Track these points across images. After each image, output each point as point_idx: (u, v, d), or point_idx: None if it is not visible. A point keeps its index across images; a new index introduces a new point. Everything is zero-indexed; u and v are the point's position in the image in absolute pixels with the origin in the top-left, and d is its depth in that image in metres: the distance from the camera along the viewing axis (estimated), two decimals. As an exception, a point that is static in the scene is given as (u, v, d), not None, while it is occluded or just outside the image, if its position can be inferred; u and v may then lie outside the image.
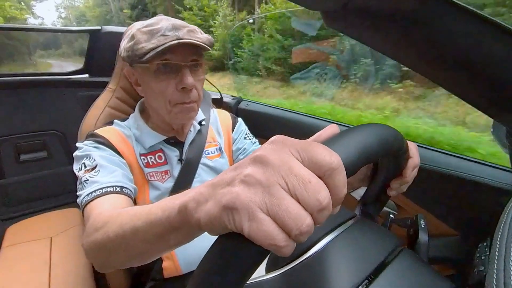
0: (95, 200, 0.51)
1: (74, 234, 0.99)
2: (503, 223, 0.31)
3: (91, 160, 0.57)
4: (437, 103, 3.01)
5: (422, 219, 0.45)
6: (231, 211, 0.19)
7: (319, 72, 4.17)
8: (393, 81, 3.57)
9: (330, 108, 3.44)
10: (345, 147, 0.25)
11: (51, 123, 1.41)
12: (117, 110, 0.85)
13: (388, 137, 0.31)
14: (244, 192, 0.19)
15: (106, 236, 0.39)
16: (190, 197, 0.25)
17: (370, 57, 3.69)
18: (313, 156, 0.20)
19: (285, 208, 0.18)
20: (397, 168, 0.40)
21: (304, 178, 0.19)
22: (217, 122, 0.83)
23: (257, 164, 0.20)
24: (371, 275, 0.32)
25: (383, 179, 0.43)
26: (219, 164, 0.75)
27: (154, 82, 0.61)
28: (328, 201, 0.19)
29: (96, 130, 0.66)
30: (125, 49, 0.61)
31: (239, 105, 1.36)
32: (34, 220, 1.10)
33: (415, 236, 0.43)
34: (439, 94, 2.97)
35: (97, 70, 1.39)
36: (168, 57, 0.58)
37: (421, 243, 0.42)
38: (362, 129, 0.29)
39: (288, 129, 1.15)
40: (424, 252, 0.41)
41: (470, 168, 0.71)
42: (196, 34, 0.61)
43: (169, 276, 0.67)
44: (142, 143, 0.67)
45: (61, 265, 0.83)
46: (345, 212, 0.44)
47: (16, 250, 0.91)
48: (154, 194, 0.65)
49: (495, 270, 0.24)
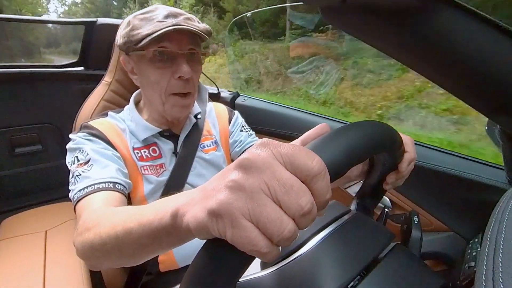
0: (87, 197, 0.50)
1: (69, 228, 0.99)
2: (494, 219, 0.31)
3: (84, 154, 0.56)
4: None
5: (416, 215, 0.45)
6: (216, 217, 0.20)
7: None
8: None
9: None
10: (331, 149, 0.25)
11: (46, 116, 1.39)
12: (112, 103, 0.84)
13: (378, 134, 0.31)
14: (228, 198, 0.19)
15: (98, 237, 0.38)
16: (182, 201, 0.25)
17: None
18: (296, 161, 0.20)
19: (267, 214, 0.19)
20: (393, 163, 0.40)
21: (286, 183, 0.19)
22: (213, 115, 0.82)
23: (241, 169, 0.20)
24: (363, 270, 0.32)
25: (379, 174, 0.44)
26: (215, 157, 0.75)
27: (150, 70, 0.60)
28: (310, 206, 0.19)
29: (90, 122, 0.65)
30: (121, 35, 0.61)
31: (236, 100, 1.36)
32: (28, 213, 1.09)
33: (408, 232, 0.44)
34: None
35: (93, 63, 1.37)
36: (164, 45, 0.57)
37: (413, 239, 0.43)
38: (351, 129, 0.29)
39: (285, 124, 1.16)
40: (416, 247, 0.42)
41: (463, 166, 0.72)
42: (193, 22, 0.60)
43: (165, 270, 0.67)
44: (136, 135, 0.66)
45: (56, 258, 0.83)
46: (340, 207, 0.45)
47: (11, 243, 0.90)
48: (148, 188, 0.65)
49: (484, 266, 0.24)
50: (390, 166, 0.41)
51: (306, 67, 4.35)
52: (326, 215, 0.41)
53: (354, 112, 4.01)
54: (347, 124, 0.30)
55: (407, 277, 0.33)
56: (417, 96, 3.55)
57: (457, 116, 2.84)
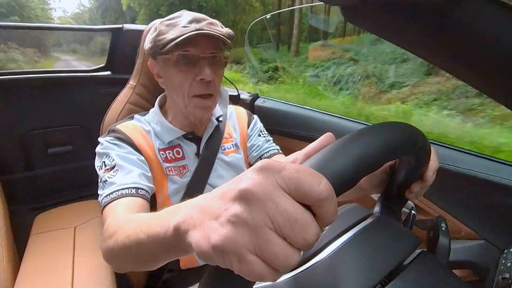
0: (112, 203, 0.54)
1: (96, 225, 1.04)
2: None
3: (110, 160, 0.60)
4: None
5: (443, 222, 0.43)
6: (221, 253, 0.19)
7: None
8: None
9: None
10: (337, 163, 0.23)
11: (75, 118, 1.47)
12: (136, 105, 0.87)
13: (392, 138, 0.28)
14: (232, 235, 0.19)
15: (116, 245, 0.42)
16: (182, 217, 0.25)
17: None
18: (301, 187, 0.19)
19: (272, 249, 0.18)
20: (418, 168, 0.38)
21: (290, 216, 0.19)
22: (234, 118, 0.84)
23: (243, 202, 0.19)
24: (385, 278, 0.31)
25: (400, 183, 0.41)
26: (235, 159, 0.76)
27: (174, 73, 0.62)
28: (315, 238, 0.19)
29: (117, 125, 0.68)
30: (148, 41, 0.64)
31: (255, 102, 1.36)
32: (59, 210, 1.16)
33: (435, 239, 0.42)
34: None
35: (119, 67, 1.43)
36: (188, 49, 0.60)
37: (441, 246, 0.40)
38: (359, 135, 0.27)
39: (305, 125, 1.14)
40: (444, 255, 0.39)
41: (495, 169, 0.68)
42: (216, 27, 0.62)
43: (185, 268, 0.68)
44: (161, 138, 0.69)
45: (83, 253, 0.87)
46: (362, 211, 0.43)
47: (43, 238, 0.96)
48: (172, 188, 0.67)
49: None
50: (414, 175, 0.39)
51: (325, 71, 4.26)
52: (347, 218, 0.40)
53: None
54: (357, 130, 0.28)
55: (434, 287, 0.31)
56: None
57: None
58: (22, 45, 13.96)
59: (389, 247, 0.35)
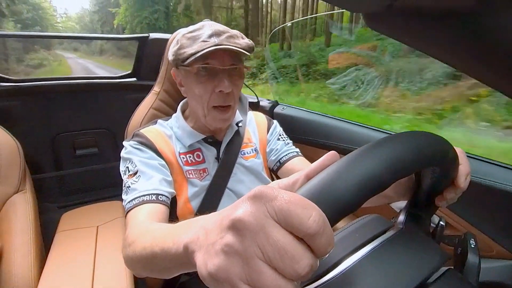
0: (134, 209, 0.57)
1: (117, 225, 1.07)
2: None
3: (133, 166, 0.63)
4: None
5: (472, 238, 0.40)
6: (216, 281, 0.20)
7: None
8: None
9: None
10: (334, 188, 0.22)
11: (102, 122, 1.55)
12: (160, 111, 0.90)
13: (410, 149, 0.26)
14: (224, 264, 0.20)
15: (134, 254, 0.44)
16: (191, 238, 0.26)
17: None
18: (289, 220, 0.19)
19: (263, 280, 0.18)
20: (446, 178, 0.36)
21: (280, 248, 0.18)
22: (253, 123, 0.84)
23: (235, 232, 0.20)
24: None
25: (428, 191, 0.39)
26: (254, 164, 0.77)
27: (195, 84, 0.65)
28: (308, 270, 0.19)
29: (141, 130, 0.71)
30: (171, 53, 0.67)
31: (275, 109, 1.37)
32: (84, 209, 1.21)
33: (463, 256, 0.39)
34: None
35: (144, 74, 1.49)
36: (208, 62, 0.62)
37: (470, 265, 0.37)
38: (367, 151, 0.25)
39: (325, 133, 1.13)
40: (473, 275, 0.36)
41: None
42: (235, 39, 0.64)
43: None
44: (182, 141, 0.71)
45: (104, 251, 0.91)
46: (383, 222, 0.41)
47: (68, 235, 1.01)
48: (192, 191, 0.69)
49: None
50: (442, 182, 0.37)
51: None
52: (366, 230, 0.38)
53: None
54: (362, 147, 0.26)
55: None
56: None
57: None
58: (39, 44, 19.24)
59: (412, 263, 0.32)
